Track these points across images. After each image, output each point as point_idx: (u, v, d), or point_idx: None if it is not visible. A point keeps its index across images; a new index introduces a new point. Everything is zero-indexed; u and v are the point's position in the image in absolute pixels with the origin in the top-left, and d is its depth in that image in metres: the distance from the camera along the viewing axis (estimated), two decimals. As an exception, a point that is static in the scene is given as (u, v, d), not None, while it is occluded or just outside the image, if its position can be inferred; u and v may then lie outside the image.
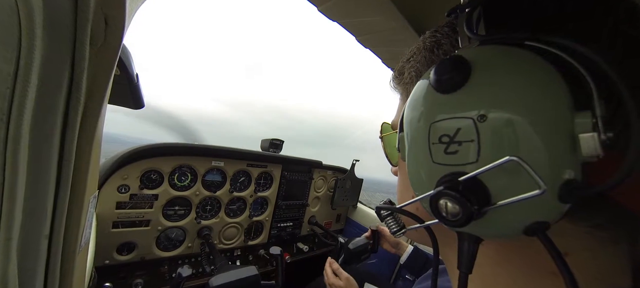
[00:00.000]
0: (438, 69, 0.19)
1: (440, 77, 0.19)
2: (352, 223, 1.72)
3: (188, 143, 0.99)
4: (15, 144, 0.21)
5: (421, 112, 0.21)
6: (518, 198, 0.16)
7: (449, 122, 0.19)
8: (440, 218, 0.19)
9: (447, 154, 0.19)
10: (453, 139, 0.18)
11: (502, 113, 0.17)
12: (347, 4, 0.57)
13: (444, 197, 0.18)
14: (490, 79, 0.18)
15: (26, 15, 0.19)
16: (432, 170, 0.20)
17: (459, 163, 0.18)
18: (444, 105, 0.19)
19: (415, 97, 0.22)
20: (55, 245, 0.27)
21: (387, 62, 0.80)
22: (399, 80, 0.32)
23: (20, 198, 0.22)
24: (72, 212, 0.28)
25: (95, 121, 0.28)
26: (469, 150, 0.18)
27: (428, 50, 0.27)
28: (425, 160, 0.20)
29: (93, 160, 0.30)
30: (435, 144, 0.19)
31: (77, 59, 0.24)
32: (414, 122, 0.22)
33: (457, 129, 0.18)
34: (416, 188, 0.22)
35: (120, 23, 0.27)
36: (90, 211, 0.34)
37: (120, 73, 0.49)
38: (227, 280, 0.74)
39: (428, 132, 0.20)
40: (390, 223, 0.28)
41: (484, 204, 0.18)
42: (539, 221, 0.17)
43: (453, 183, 0.18)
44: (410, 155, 0.23)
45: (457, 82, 0.18)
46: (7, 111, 0.20)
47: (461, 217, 0.18)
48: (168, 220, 1.00)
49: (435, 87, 0.19)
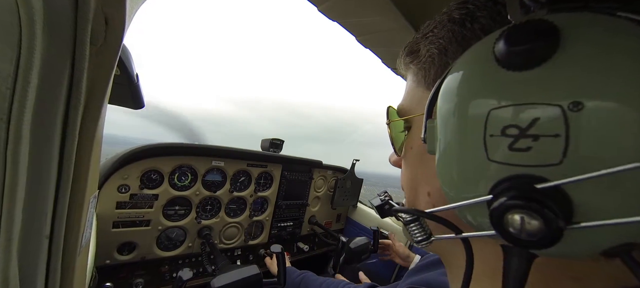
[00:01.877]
0: (512, 35, 0.15)
1: (516, 46, 0.14)
2: (353, 223, 1.72)
3: (188, 143, 0.99)
4: (15, 143, 0.21)
5: (475, 94, 0.16)
6: (633, 220, 0.12)
7: (521, 109, 0.14)
8: (505, 235, 0.15)
9: (513, 151, 0.15)
10: (525, 131, 0.14)
11: (614, 102, 0.12)
12: (347, 4, 0.57)
13: (516, 210, 0.14)
14: (594, 54, 0.13)
15: (26, 15, 0.19)
16: (486, 169, 0.16)
17: (530, 164, 0.14)
18: (515, 86, 0.15)
19: (463, 75, 0.18)
20: (56, 245, 0.27)
21: (387, 62, 0.80)
22: (411, 58, 0.27)
23: (20, 198, 0.22)
24: (72, 212, 0.28)
25: (95, 121, 0.28)
26: (549, 147, 0.14)
27: (457, 23, 0.22)
28: (474, 155, 0.16)
29: (93, 160, 0.30)
30: (496, 136, 0.15)
31: (77, 58, 0.24)
32: (459, 107, 0.17)
33: (534, 119, 0.14)
34: (453, 190, 0.18)
35: (121, 23, 0.27)
36: (91, 211, 0.34)
37: (120, 73, 0.49)
38: (229, 281, 0.74)
39: (485, 120, 0.16)
40: (414, 230, 0.23)
41: (568, 221, 0.14)
42: (628, 243, 0.14)
43: (528, 192, 0.14)
44: (448, 148, 0.18)
45: (541, 55, 0.14)
46: (8, 111, 0.20)
47: (541, 238, 0.14)
48: (168, 220, 1.00)
49: (504, 62, 0.15)
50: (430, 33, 0.25)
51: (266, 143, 1.33)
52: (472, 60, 0.18)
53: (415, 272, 0.60)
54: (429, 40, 0.25)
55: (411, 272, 0.62)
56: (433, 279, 0.51)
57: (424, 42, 0.25)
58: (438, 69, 0.24)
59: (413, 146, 0.27)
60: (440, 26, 0.24)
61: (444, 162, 0.19)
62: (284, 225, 1.39)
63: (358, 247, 1.13)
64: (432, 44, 0.24)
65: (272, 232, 1.34)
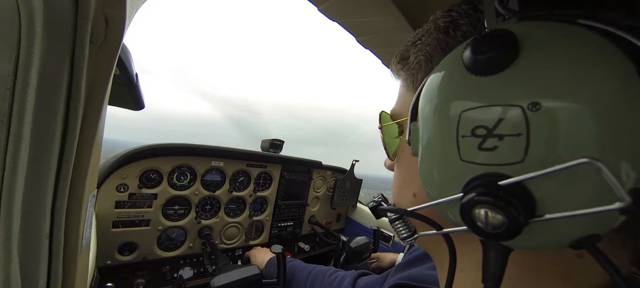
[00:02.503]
0: (476, 45, 0.16)
1: (480, 54, 0.16)
2: (353, 222, 1.73)
3: (187, 143, 0.99)
4: (15, 144, 0.21)
5: (448, 98, 0.17)
6: (587, 212, 0.13)
7: (488, 110, 0.15)
8: (474, 229, 0.16)
9: (482, 150, 0.16)
10: (492, 131, 0.15)
11: (567, 103, 0.13)
12: (347, 4, 0.57)
13: (481, 205, 0.15)
14: (548, 59, 0.14)
15: (26, 14, 0.19)
16: (459, 169, 0.17)
17: (496, 163, 0.15)
18: (482, 89, 0.16)
19: (438, 81, 0.19)
20: (56, 245, 0.27)
21: (387, 62, 0.80)
22: (402, 65, 0.28)
23: (19, 198, 0.22)
24: (71, 212, 0.28)
25: (95, 121, 0.28)
26: (512, 146, 0.15)
27: (442, 31, 0.24)
28: (449, 156, 0.17)
29: (93, 160, 0.30)
30: (466, 137, 0.16)
31: (77, 58, 0.24)
32: (436, 110, 0.18)
33: (499, 119, 0.15)
34: (432, 189, 0.20)
35: (121, 22, 0.27)
36: (90, 211, 0.34)
37: (120, 73, 0.49)
38: (229, 280, 0.74)
39: (457, 122, 0.17)
40: (399, 227, 0.25)
41: (530, 215, 0.15)
42: (593, 234, 0.14)
43: (492, 188, 0.15)
44: (427, 150, 0.19)
45: (502, 61, 0.15)
46: (8, 112, 0.20)
47: (505, 230, 0.15)
48: (168, 220, 1.00)
49: (471, 68, 0.16)
50: (418, 41, 0.26)
51: (266, 143, 1.33)
52: (446, 66, 0.19)
53: (402, 268, 0.59)
54: (418, 48, 0.26)
55: (397, 268, 0.61)
56: (419, 274, 0.50)
57: (413, 50, 0.27)
58: (424, 75, 0.25)
59: (404, 149, 0.28)
60: (427, 34, 0.25)
61: (424, 162, 0.20)
62: (285, 225, 1.39)
63: (359, 247, 1.13)
64: (420, 51, 0.26)
65: (272, 232, 1.34)
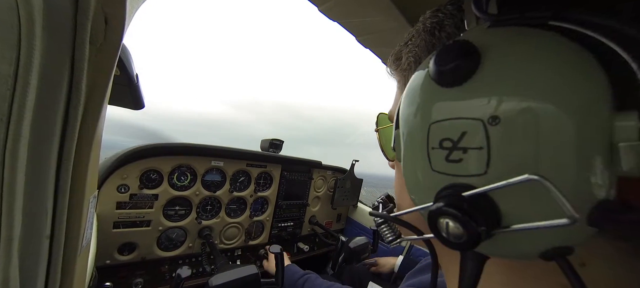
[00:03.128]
0: (439, 56, 0.16)
1: (442, 66, 0.16)
2: (353, 222, 1.72)
3: (187, 143, 0.99)
4: (15, 144, 0.20)
5: (418, 108, 0.17)
6: (538, 225, 0.13)
7: (452, 124, 0.15)
8: (440, 238, 0.16)
9: (449, 162, 0.16)
10: (456, 144, 0.15)
11: (521, 115, 0.13)
12: (347, 4, 0.57)
13: (444, 216, 0.16)
14: (505, 71, 0.14)
15: (26, 14, 0.19)
16: (431, 179, 0.17)
17: (462, 174, 0.15)
18: (446, 101, 0.16)
19: (411, 90, 0.18)
20: (57, 246, 0.27)
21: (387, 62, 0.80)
22: (396, 66, 0.28)
23: (20, 198, 0.22)
24: (72, 212, 0.28)
25: (95, 121, 0.28)
26: (475, 159, 0.15)
27: (428, 32, 0.23)
28: (422, 166, 0.17)
29: (93, 160, 0.30)
30: (435, 148, 0.16)
31: (77, 58, 0.24)
32: (410, 119, 0.18)
33: (462, 133, 0.15)
34: (414, 194, 0.20)
35: (121, 22, 0.27)
36: (91, 211, 0.34)
37: (120, 73, 0.49)
38: (226, 280, 0.74)
39: (427, 133, 0.17)
40: (385, 231, 0.26)
41: (493, 225, 0.15)
42: (560, 246, 0.14)
43: (455, 199, 0.15)
44: (407, 158, 0.19)
45: (462, 73, 0.15)
46: (8, 112, 0.20)
47: (465, 240, 0.15)
48: (169, 220, 1.00)
49: (436, 79, 0.16)
50: (410, 41, 0.26)
51: (266, 143, 1.33)
52: (418, 75, 0.18)
53: (414, 274, 0.60)
54: (408, 49, 0.25)
55: (411, 273, 0.62)
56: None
57: (405, 50, 0.26)
58: None
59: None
60: (417, 35, 0.25)
61: (406, 169, 0.20)
62: (285, 225, 1.39)
63: (357, 247, 1.13)
64: (410, 52, 0.25)
65: (272, 232, 1.34)
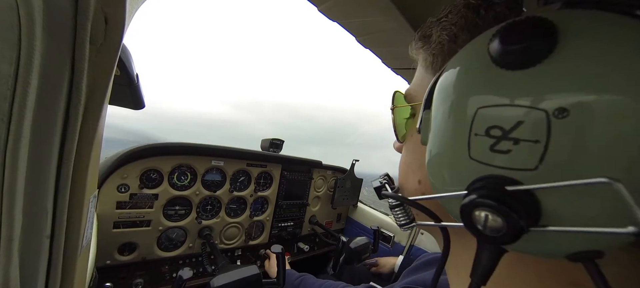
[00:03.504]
0: (507, 33, 0.14)
1: (509, 44, 0.14)
2: (353, 222, 1.72)
3: (187, 142, 0.99)
4: (15, 144, 0.20)
5: (466, 90, 0.16)
6: (597, 231, 0.12)
7: (507, 111, 0.14)
8: (472, 230, 0.16)
9: (494, 152, 0.15)
10: (507, 134, 0.14)
11: (599, 111, 0.12)
12: (347, 4, 0.57)
13: (482, 208, 0.15)
14: (585, 58, 0.12)
15: (26, 14, 0.19)
16: (466, 166, 0.16)
17: (506, 167, 0.14)
18: (504, 85, 0.14)
19: (458, 69, 0.17)
20: (57, 246, 0.27)
21: (387, 62, 0.80)
22: (422, 43, 0.26)
23: (20, 198, 0.22)
24: (72, 212, 0.28)
25: (95, 121, 0.28)
26: (527, 153, 0.13)
27: (471, 9, 0.22)
28: (458, 152, 0.16)
29: (93, 160, 0.30)
30: (479, 135, 0.15)
31: (77, 58, 0.24)
32: (451, 101, 0.17)
33: (518, 122, 0.14)
34: (437, 181, 0.19)
35: (121, 22, 0.27)
36: (91, 211, 0.34)
37: (120, 73, 0.49)
38: (228, 281, 0.74)
39: (472, 118, 0.15)
40: (399, 214, 0.25)
41: (533, 222, 0.14)
42: (594, 250, 0.13)
43: (497, 193, 0.14)
44: (436, 142, 0.18)
45: (534, 56, 0.13)
46: (8, 112, 0.20)
47: (503, 236, 0.14)
48: (169, 220, 1.00)
49: (496, 59, 0.14)
50: (444, 18, 0.24)
51: (266, 143, 1.33)
52: (469, 53, 0.17)
53: (412, 271, 0.60)
54: (442, 26, 0.24)
55: (407, 272, 0.62)
56: (428, 279, 0.51)
57: (437, 27, 0.24)
58: (446, 57, 0.23)
59: (414, 134, 0.27)
60: (454, 11, 0.23)
61: (432, 153, 0.19)
62: (285, 225, 1.39)
63: (358, 247, 1.13)
64: (443, 30, 0.23)
65: (272, 232, 1.34)
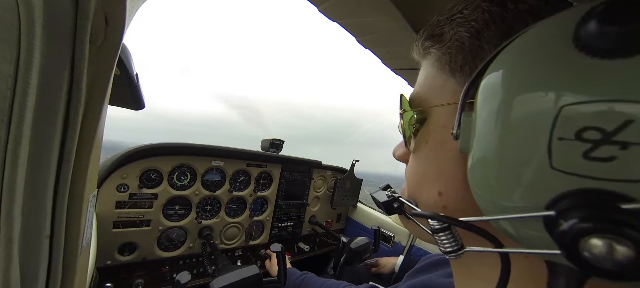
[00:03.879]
0: (609, 12, 0.12)
1: (612, 27, 0.11)
2: (353, 222, 1.72)
3: (187, 143, 0.99)
4: (15, 143, 0.20)
5: (540, 86, 0.13)
6: None
7: (610, 108, 0.11)
8: (578, 262, 0.12)
9: (590, 160, 0.12)
10: (611, 136, 0.11)
11: None
12: (347, 4, 0.57)
13: (598, 234, 0.12)
14: None
15: (26, 14, 0.19)
16: (547, 179, 0.13)
17: (611, 179, 0.11)
18: (604, 77, 0.12)
19: (523, 63, 0.15)
20: (57, 245, 0.27)
21: (387, 62, 0.80)
22: (432, 42, 0.24)
23: (19, 198, 0.22)
24: (71, 212, 0.28)
25: (95, 121, 0.28)
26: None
27: (496, 3, 0.20)
28: (532, 161, 0.13)
29: (93, 160, 0.30)
30: (566, 140, 0.12)
31: (77, 58, 0.24)
32: (515, 101, 0.14)
33: (626, 121, 0.11)
34: (491, 195, 0.16)
35: (121, 22, 0.27)
36: (90, 210, 0.34)
37: (120, 73, 0.49)
38: (228, 282, 0.74)
39: (554, 119, 0.13)
40: (443, 239, 0.20)
41: None
42: None
43: (613, 212, 0.11)
44: (491, 148, 0.15)
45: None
46: (8, 111, 0.20)
47: (634, 268, 0.11)
48: (168, 220, 1.00)
49: (591, 46, 0.12)
50: (457, 14, 0.22)
51: (266, 143, 1.33)
52: (537, 44, 0.14)
53: (415, 273, 0.60)
54: (457, 22, 0.22)
55: (411, 273, 0.61)
56: (433, 281, 0.50)
57: (450, 25, 0.23)
58: (468, 55, 0.21)
59: (429, 140, 0.24)
60: (471, 6, 0.21)
61: (483, 162, 0.16)
62: (285, 225, 1.39)
63: (359, 247, 1.13)
64: (460, 26, 0.22)
65: (272, 232, 1.34)
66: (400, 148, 0.30)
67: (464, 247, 0.20)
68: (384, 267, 1.27)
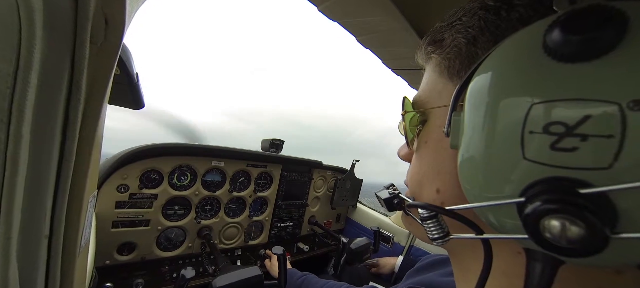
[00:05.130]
0: (570, 22, 0.13)
1: (573, 35, 0.13)
2: (353, 223, 1.72)
3: (188, 143, 0.99)
4: (15, 143, 0.20)
5: (515, 86, 0.15)
6: None
7: (571, 105, 0.13)
8: (540, 241, 0.14)
9: (556, 150, 0.13)
10: (573, 129, 0.13)
11: None
12: (347, 4, 0.57)
13: (555, 214, 0.13)
14: None
15: (26, 14, 0.19)
16: (520, 169, 0.15)
17: (573, 166, 0.13)
18: (567, 79, 0.13)
19: (501, 67, 0.16)
20: (55, 245, 0.27)
21: (387, 62, 0.80)
22: (434, 47, 0.26)
23: (19, 198, 0.22)
24: (71, 212, 0.28)
25: (95, 121, 0.28)
26: (599, 149, 0.12)
27: (491, 11, 0.21)
28: (508, 153, 0.15)
29: (93, 161, 0.30)
30: (536, 133, 0.14)
31: (77, 58, 0.24)
32: (494, 99, 0.16)
33: (585, 117, 0.13)
34: (476, 187, 0.18)
35: (121, 22, 0.27)
36: (90, 211, 0.34)
37: (120, 73, 0.49)
38: (230, 281, 0.74)
39: (525, 115, 0.14)
40: (432, 227, 0.22)
41: (612, 229, 0.13)
42: None
43: (570, 196, 0.13)
44: (475, 143, 0.17)
45: (602, 45, 0.12)
46: (8, 111, 0.20)
47: (586, 246, 0.13)
48: (168, 220, 1.00)
49: (556, 51, 0.14)
50: (457, 21, 0.23)
51: (266, 143, 1.33)
52: (514, 50, 0.16)
53: (415, 272, 0.60)
54: (456, 29, 0.23)
55: (411, 272, 0.62)
56: (433, 280, 0.51)
57: (450, 31, 0.24)
58: (464, 60, 0.23)
59: (428, 140, 0.26)
60: (469, 14, 0.22)
61: (469, 157, 0.18)
62: (284, 225, 1.39)
63: (359, 248, 1.13)
64: (458, 33, 0.23)
65: (272, 232, 1.34)
66: (403, 148, 0.32)
67: (449, 235, 0.22)
68: (384, 267, 1.27)
